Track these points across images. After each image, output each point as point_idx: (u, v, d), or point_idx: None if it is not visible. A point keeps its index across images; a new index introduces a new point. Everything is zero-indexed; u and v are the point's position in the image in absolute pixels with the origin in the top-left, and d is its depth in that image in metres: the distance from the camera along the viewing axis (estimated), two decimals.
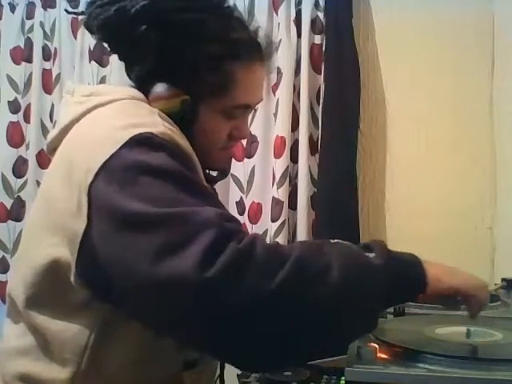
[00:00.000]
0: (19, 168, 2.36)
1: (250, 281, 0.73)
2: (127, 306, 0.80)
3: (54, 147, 0.95)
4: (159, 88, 0.94)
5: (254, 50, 0.99)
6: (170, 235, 0.74)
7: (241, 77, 0.97)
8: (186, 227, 0.74)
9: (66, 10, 1.74)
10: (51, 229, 0.85)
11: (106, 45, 1.00)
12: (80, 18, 2.28)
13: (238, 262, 0.73)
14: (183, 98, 0.94)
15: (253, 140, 2.13)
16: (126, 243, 0.75)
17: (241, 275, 0.73)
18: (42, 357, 0.88)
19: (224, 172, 1.11)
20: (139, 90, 0.96)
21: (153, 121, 0.86)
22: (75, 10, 2.16)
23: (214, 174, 1.09)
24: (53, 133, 0.97)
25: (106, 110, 0.91)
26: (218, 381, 1.04)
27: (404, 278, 0.83)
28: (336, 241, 0.87)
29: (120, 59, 1.01)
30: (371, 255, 0.83)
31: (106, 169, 0.80)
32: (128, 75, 1.00)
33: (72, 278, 0.82)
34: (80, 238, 0.80)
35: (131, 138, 0.81)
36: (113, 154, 0.80)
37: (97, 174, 0.80)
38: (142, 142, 0.81)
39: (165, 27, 0.93)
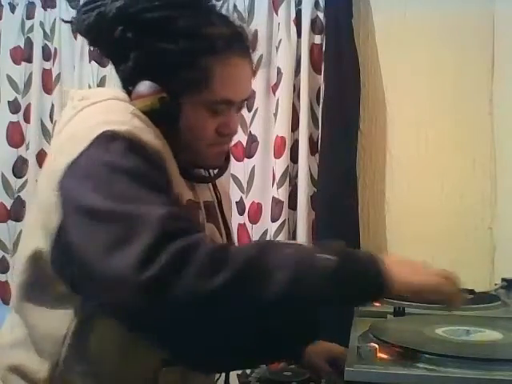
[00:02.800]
0: (19, 168, 2.36)
1: (186, 281, 0.74)
2: (88, 297, 0.85)
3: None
4: (140, 87, 0.97)
5: (233, 44, 0.98)
6: (118, 231, 0.77)
7: (218, 71, 0.97)
8: (132, 225, 0.77)
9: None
10: (38, 224, 0.90)
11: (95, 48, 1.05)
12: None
13: (176, 262, 0.74)
14: (161, 96, 0.95)
15: (253, 140, 2.13)
16: (83, 235, 0.80)
17: (178, 276, 0.74)
18: (30, 348, 0.92)
19: (220, 170, 1.10)
20: (124, 89, 1.00)
21: (121, 119, 0.90)
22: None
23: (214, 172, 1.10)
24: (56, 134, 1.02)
25: (85, 112, 0.96)
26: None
27: (357, 279, 0.83)
28: (292, 242, 0.90)
29: (111, 62, 1.04)
30: (324, 256, 0.82)
31: (74, 166, 0.86)
32: (118, 77, 1.03)
33: (51, 269, 0.88)
34: (55, 231, 0.86)
35: (97, 136, 0.86)
36: (81, 152, 0.86)
37: (66, 171, 0.86)
38: (105, 139, 0.86)
39: (140, 27, 0.95)
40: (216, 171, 1.09)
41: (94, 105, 0.96)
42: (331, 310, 0.92)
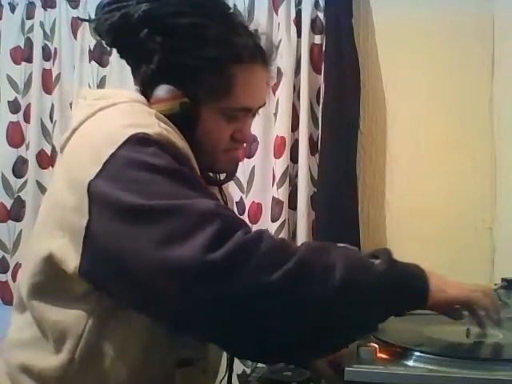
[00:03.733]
0: (19, 168, 2.36)
1: (250, 271, 0.75)
2: (132, 296, 0.82)
3: (64, 147, 0.99)
4: (160, 91, 0.97)
5: (256, 54, 1.00)
6: (174, 225, 0.77)
7: (241, 79, 0.98)
8: (191, 217, 0.78)
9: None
10: (55, 224, 0.88)
11: (115, 50, 1.04)
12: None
13: (242, 250, 0.76)
14: (182, 101, 0.96)
15: (253, 140, 2.13)
16: (131, 234, 0.78)
17: (243, 264, 0.75)
18: (41, 347, 0.91)
19: (230, 174, 1.12)
20: (143, 93, 0.99)
21: (149, 122, 0.89)
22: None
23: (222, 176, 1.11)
24: (66, 134, 1.00)
25: (107, 113, 0.94)
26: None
27: (406, 287, 0.85)
28: (343, 245, 0.89)
29: (128, 64, 1.03)
30: (376, 262, 0.84)
31: (105, 168, 0.83)
32: (134, 79, 1.02)
33: (72, 271, 0.85)
34: (83, 233, 0.83)
35: (128, 139, 0.84)
36: (112, 154, 0.84)
37: (97, 173, 0.83)
38: (138, 141, 0.85)
39: (166, 31, 0.95)
40: (225, 175, 1.11)
41: (115, 106, 0.95)
42: None
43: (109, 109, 0.95)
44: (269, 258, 0.77)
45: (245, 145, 1.12)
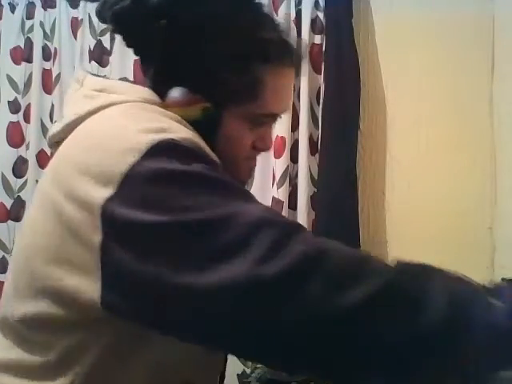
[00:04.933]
0: (19, 168, 2.36)
1: (314, 292, 0.62)
2: (171, 321, 0.69)
3: (56, 141, 0.86)
4: (177, 92, 0.84)
5: (285, 52, 0.88)
6: (224, 239, 0.65)
7: (270, 82, 0.86)
8: (240, 228, 0.66)
9: None
10: (52, 259, 0.73)
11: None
12: (80, 17, 2.29)
13: (303, 266, 0.63)
14: (205, 106, 0.83)
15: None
16: (173, 256, 0.66)
17: (304, 283, 0.62)
18: (27, 374, 0.77)
19: (244, 184, 0.98)
20: (154, 90, 0.85)
21: (174, 126, 0.76)
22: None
23: None
24: (56, 126, 0.86)
25: (119, 112, 0.80)
26: None
27: None
28: (442, 269, 0.69)
29: (135, 53, 0.90)
30: (497, 303, 0.64)
31: (127, 182, 0.68)
32: (143, 72, 0.90)
33: (88, 303, 0.70)
34: (98, 256, 0.68)
35: (153, 146, 0.70)
36: (133, 164, 0.69)
37: (114, 193, 0.68)
38: (164, 149, 0.71)
39: (185, 24, 0.83)
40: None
41: (125, 104, 0.81)
42: None
43: (118, 108, 0.80)
44: (337, 276, 0.63)
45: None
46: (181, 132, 0.74)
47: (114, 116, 0.79)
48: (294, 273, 0.62)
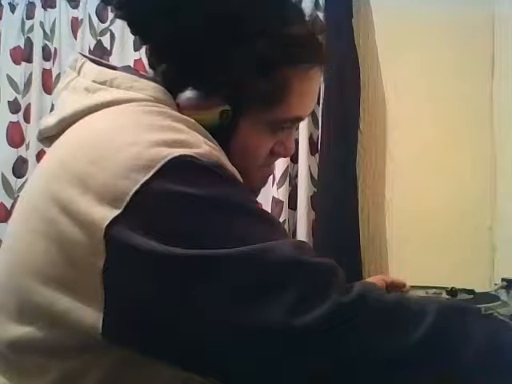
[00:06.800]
0: (19, 168, 2.36)
1: (351, 345, 0.59)
2: (197, 359, 0.63)
3: (47, 136, 0.78)
4: (192, 94, 0.75)
5: (314, 52, 0.82)
6: (251, 280, 0.59)
7: (297, 85, 0.78)
8: (268, 268, 0.60)
9: None
10: (44, 280, 0.64)
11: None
12: (80, 17, 2.29)
13: (338, 317, 0.59)
14: (223, 109, 0.75)
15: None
16: (191, 293, 0.60)
17: (341, 334, 0.58)
18: None
19: (258, 191, 0.89)
20: (166, 88, 0.76)
21: (192, 138, 0.66)
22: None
23: None
24: (50, 120, 0.77)
25: (128, 115, 0.70)
26: None
27: None
28: (483, 311, 0.68)
29: (142, 44, 0.80)
30: None
31: (136, 203, 0.60)
32: (151, 65, 0.81)
33: (87, 329, 0.63)
34: (102, 292, 0.61)
35: (168, 163, 0.62)
36: (145, 184, 0.61)
37: (123, 210, 0.60)
38: (182, 167, 0.62)
39: (204, 17, 0.73)
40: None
41: (134, 104, 0.71)
42: None
43: (125, 107, 0.70)
44: (381, 320, 0.60)
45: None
46: (199, 145, 0.65)
47: (122, 120, 0.69)
48: (330, 322, 0.58)
